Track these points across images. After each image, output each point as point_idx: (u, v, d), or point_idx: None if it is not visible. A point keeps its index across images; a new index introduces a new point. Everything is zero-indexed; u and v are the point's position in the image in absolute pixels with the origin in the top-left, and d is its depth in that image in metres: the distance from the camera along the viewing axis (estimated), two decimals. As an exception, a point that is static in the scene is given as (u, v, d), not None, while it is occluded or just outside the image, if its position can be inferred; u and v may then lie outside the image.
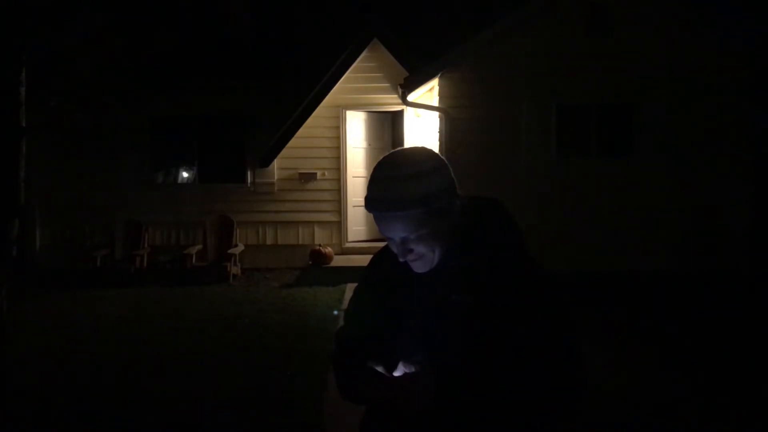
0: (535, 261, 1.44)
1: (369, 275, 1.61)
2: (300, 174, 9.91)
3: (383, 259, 1.58)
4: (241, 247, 9.58)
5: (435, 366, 1.32)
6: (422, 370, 1.32)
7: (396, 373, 1.33)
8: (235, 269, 9.31)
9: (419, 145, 1.71)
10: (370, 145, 10.45)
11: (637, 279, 7.98)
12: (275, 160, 9.73)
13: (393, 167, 1.38)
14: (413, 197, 1.33)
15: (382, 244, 1.59)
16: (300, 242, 9.93)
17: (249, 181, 10.06)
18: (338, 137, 9.87)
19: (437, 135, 8.64)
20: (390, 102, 9.67)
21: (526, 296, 1.37)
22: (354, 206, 10.12)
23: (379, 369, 1.35)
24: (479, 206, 1.48)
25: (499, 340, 1.34)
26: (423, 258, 1.41)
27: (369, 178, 1.42)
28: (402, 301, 1.45)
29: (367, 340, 1.45)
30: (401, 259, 1.42)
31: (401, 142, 9.84)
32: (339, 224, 9.95)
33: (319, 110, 9.51)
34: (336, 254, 9.47)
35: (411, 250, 1.40)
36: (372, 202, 1.39)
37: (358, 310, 1.59)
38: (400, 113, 9.81)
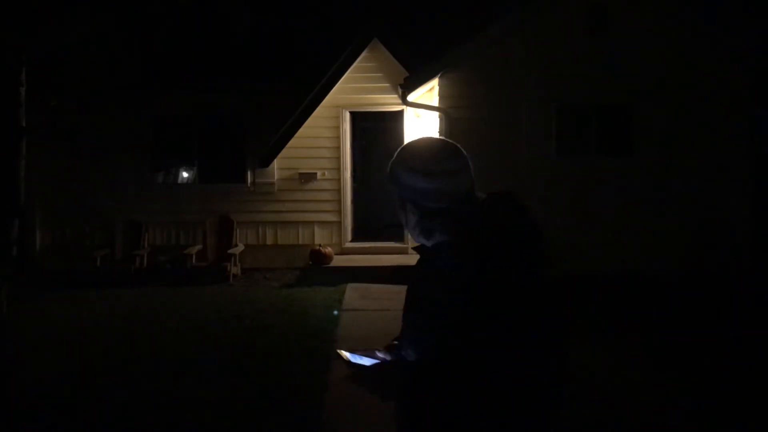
0: (528, 260, 1.46)
1: None
2: (300, 174, 9.91)
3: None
4: (241, 247, 9.58)
5: (402, 360, 1.45)
6: (388, 363, 1.45)
7: (368, 362, 1.46)
8: (235, 269, 9.31)
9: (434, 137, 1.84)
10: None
11: (637, 279, 7.97)
12: (275, 160, 9.72)
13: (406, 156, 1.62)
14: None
15: (381, 245, 1.70)
16: (300, 242, 9.93)
17: (249, 181, 10.05)
18: (338, 137, 9.86)
19: (437, 135, 8.65)
20: (390, 102, 9.66)
21: (519, 295, 1.39)
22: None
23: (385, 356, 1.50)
24: (477, 206, 1.53)
25: (488, 337, 1.36)
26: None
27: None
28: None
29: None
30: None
31: (401, 143, 9.83)
32: (339, 224, 9.94)
33: (319, 110, 9.50)
34: (336, 254, 9.45)
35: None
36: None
37: None
38: (400, 113, 9.81)
